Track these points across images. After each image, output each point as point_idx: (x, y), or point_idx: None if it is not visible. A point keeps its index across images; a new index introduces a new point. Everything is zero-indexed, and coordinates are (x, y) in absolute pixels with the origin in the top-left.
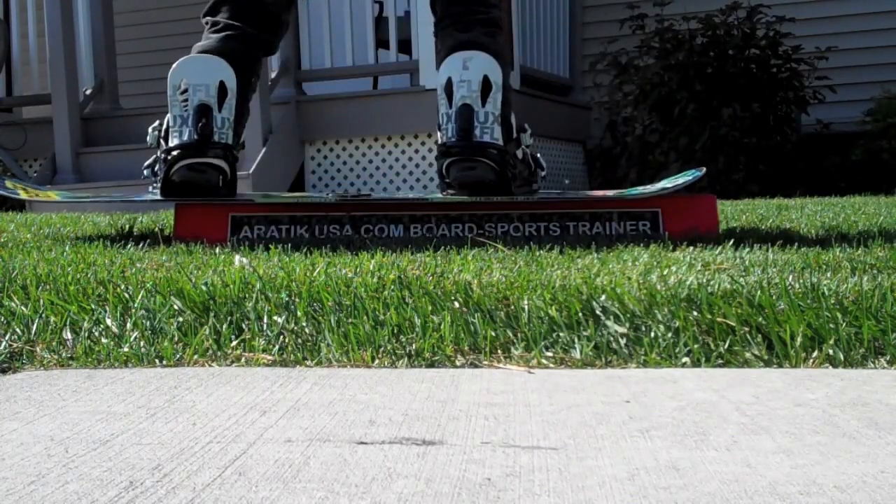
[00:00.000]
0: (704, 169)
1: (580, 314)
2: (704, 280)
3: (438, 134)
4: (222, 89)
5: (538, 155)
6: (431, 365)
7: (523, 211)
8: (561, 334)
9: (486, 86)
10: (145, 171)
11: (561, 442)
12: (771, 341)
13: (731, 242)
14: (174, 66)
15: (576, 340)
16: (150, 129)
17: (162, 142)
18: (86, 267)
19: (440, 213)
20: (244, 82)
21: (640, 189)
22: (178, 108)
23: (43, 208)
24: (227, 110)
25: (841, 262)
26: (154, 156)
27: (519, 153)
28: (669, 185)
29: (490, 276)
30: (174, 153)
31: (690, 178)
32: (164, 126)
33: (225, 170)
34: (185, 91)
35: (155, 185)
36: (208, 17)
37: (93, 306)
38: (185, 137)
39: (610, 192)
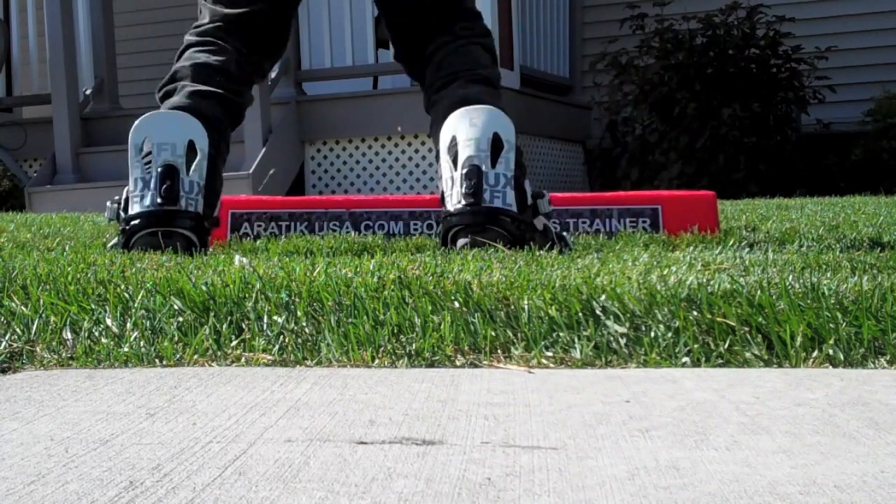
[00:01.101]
0: None
1: (580, 314)
2: (704, 280)
3: (443, 201)
4: (191, 149)
5: (565, 234)
6: (431, 365)
7: None
8: (561, 334)
9: (496, 145)
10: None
11: (561, 442)
12: (771, 341)
13: (731, 242)
14: (136, 123)
15: (576, 340)
16: (108, 204)
17: (121, 213)
18: (86, 267)
19: (440, 210)
20: (216, 144)
21: None
22: (140, 170)
23: (43, 208)
24: (197, 173)
25: (841, 262)
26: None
27: (539, 223)
28: None
29: (490, 276)
30: (133, 223)
31: None
32: (124, 196)
33: (194, 241)
34: (149, 152)
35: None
36: (164, 89)
37: (93, 306)
38: (148, 202)
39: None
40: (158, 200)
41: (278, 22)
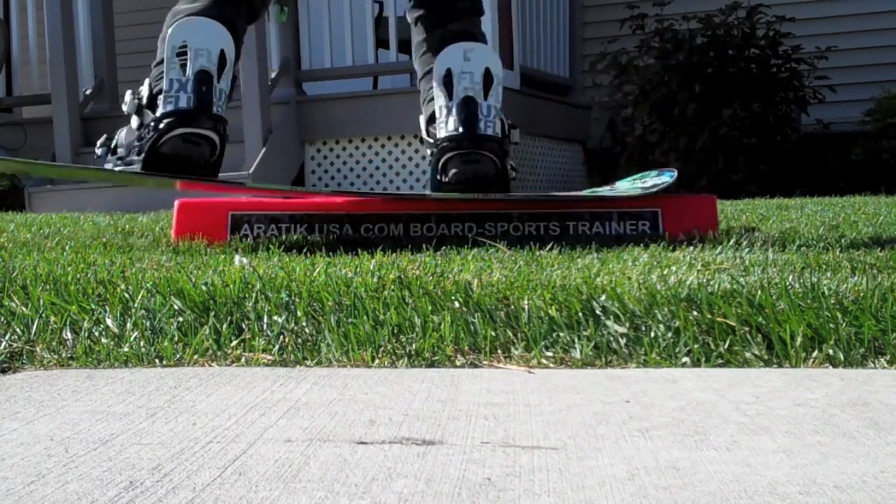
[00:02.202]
0: (676, 173)
1: (580, 314)
2: (704, 280)
3: (432, 128)
4: (222, 58)
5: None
6: (431, 365)
7: (523, 210)
8: (561, 334)
9: (487, 78)
10: (98, 150)
11: (561, 442)
12: (771, 341)
13: (731, 242)
14: (175, 25)
15: (576, 340)
16: (126, 95)
17: (146, 111)
18: (86, 267)
19: (440, 212)
20: (237, 53)
21: (605, 189)
22: (176, 72)
23: (43, 208)
24: (225, 82)
25: (841, 262)
26: (120, 130)
27: (509, 150)
28: (635, 187)
29: (490, 276)
30: (167, 120)
31: (659, 180)
32: (148, 92)
33: (217, 146)
34: (185, 54)
35: (125, 158)
36: None
37: (93, 306)
38: (183, 104)
39: (583, 193)
40: (193, 101)
41: None
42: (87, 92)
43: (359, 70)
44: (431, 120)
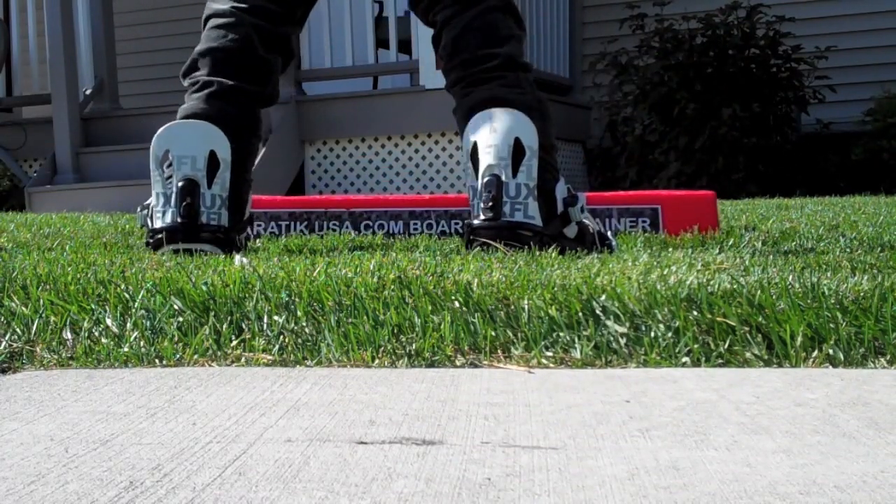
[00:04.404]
0: None
1: (580, 314)
2: (704, 280)
3: (469, 213)
4: (213, 161)
5: (608, 234)
6: (431, 365)
7: None
8: (561, 334)
9: (517, 151)
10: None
11: (561, 442)
12: (771, 341)
13: (731, 242)
14: (157, 134)
15: (576, 340)
16: (138, 210)
17: (149, 221)
18: (86, 267)
19: (440, 209)
20: (241, 148)
21: None
22: (161, 185)
23: (43, 208)
24: (219, 186)
25: (841, 262)
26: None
27: (570, 231)
28: None
29: (490, 276)
30: (157, 237)
31: None
32: (150, 206)
33: (218, 252)
34: (169, 163)
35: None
36: (188, 77)
37: (93, 306)
38: (168, 219)
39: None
40: (178, 219)
41: None
42: (87, 92)
43: (359, 70)
44: (470, 199)
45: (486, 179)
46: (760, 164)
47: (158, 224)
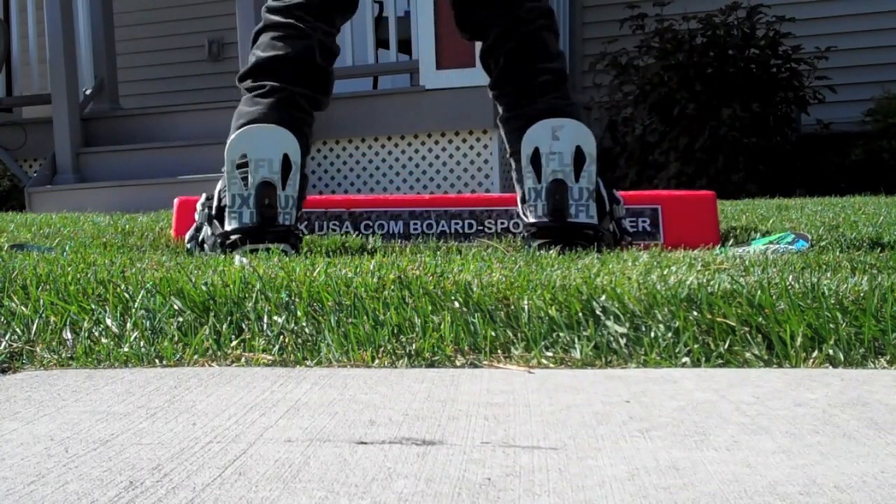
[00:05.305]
0: (809, 239)
1: (580, 314)
2: (704, 280)
3: (523, 207)
4: (286, 164)
5: (624, 223)
6: (431, 365)
7: None
8: (561, 334)
9: (578, 158)
10: (188, 245)
11: (561, 442)
12: (771, 341)
13: (731, 242)
14: (233, 137)
15: (576, 340)
16: (198, 206)
17: (215, 222)
18: (86, 267)
19: (440, 209)
20: (306, 150)
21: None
22: (238, 187)
23: (43, 208)
24: (292, 187)
25: (841, 262)
26: (198, 230)
27: (610, 225)
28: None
29: (490, 276)
30: (233, 238)
31: (793, 247)
32: (215, 203)
33: (289, 252)
34: (244, 166)
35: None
36: (249, 81)
37: (93, 306)
38: (246, 220)
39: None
40: (256, 217)
41: None
42: (87, 92)
43: (359, 70)
44: (523, 199)
45: (550, 181)
46: (760, 164)
47: (234, 225)
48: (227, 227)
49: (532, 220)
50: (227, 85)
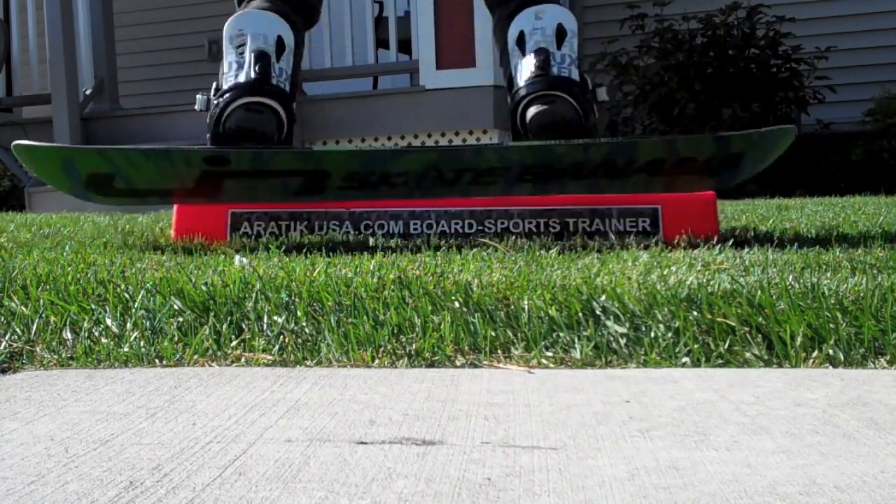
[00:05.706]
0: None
1: (580, 314)
2: (704, 280)
3: (512, 90)
4: (280, 43)
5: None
6: (431, 365)
7: (523, 207)
8: (561, 334)
9: (560, 33)
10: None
11: (561, 442)
12: (771, 341)
13: (731, 242)
14: (230, 19)
15: (576, 340)
16: (197, 96)
17: (212, 99)
18: (86, 267)
19: (440, 209)
20: (299, 42)
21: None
22: (234, 55)
23: (43, 208)
24: (286, 62)
25: (841, 262)
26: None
27: (594, 108)
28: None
29: (490, 276)
30: (227, 94)
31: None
32: (215, 88)
33: (282, 117)
34: (242, 39)
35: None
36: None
37: (93, 306)
38: (241, 78)
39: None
40: (252, 74)
41: None
42: (87, 92)
43: (359, 70)
44: (511, 87)
45: (535, 50)
46: None
47: (230, 83)
48: (224, 87)
49: (518, 83)
50: None
